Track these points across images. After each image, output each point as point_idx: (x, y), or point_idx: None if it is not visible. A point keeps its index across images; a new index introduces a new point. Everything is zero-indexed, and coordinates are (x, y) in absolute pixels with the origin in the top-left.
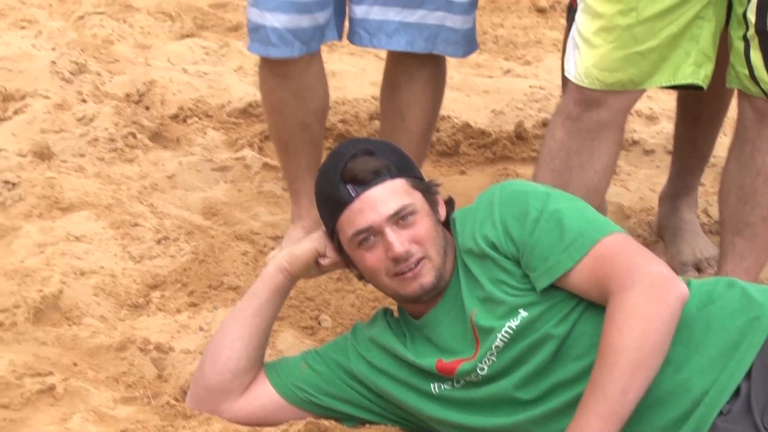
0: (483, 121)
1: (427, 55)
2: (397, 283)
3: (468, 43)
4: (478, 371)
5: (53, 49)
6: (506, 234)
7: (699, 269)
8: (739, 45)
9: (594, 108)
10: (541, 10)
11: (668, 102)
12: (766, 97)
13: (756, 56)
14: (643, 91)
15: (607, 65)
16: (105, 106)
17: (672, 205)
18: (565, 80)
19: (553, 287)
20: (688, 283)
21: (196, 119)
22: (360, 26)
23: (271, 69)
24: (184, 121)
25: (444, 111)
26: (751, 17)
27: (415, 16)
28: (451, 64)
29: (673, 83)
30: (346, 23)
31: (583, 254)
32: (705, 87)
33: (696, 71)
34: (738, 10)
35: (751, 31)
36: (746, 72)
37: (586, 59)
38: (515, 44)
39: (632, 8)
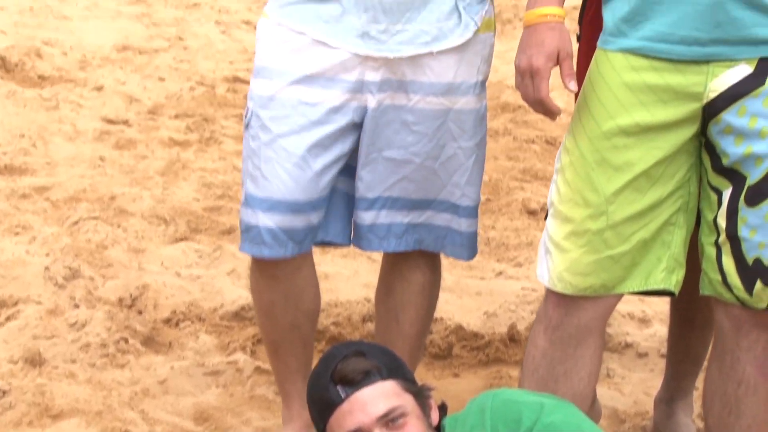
0: (476, 324)
1: (423, 259)
2: None
3: (472, 246)
4: None
5: (47, 254)
6: None
7: None
8: (710, 251)
9: (573, 313)
10: (532, 212)
11: (660, 305)
12: (741, 304)
13: (728, 262)
14: (619, 297)
15: (580, 270)
16: (97, 311)
17: (667, 409)
18: None
19: None
20: None
21: (189, 323)
22: (370, 231)
23: (262, 270)
24: (177, 325)
25: (436, 313)
26: (722, 223)
27: (423, 217)
28: (444, 265)
29: (645, 288)
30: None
31: None
32: (676, 293)
33: (668, 277)
34: (708, 216)
35: (722, 237)
36: (719, 278)
37: (558, 264)
38: (507, 246)
39: (602, 212)
